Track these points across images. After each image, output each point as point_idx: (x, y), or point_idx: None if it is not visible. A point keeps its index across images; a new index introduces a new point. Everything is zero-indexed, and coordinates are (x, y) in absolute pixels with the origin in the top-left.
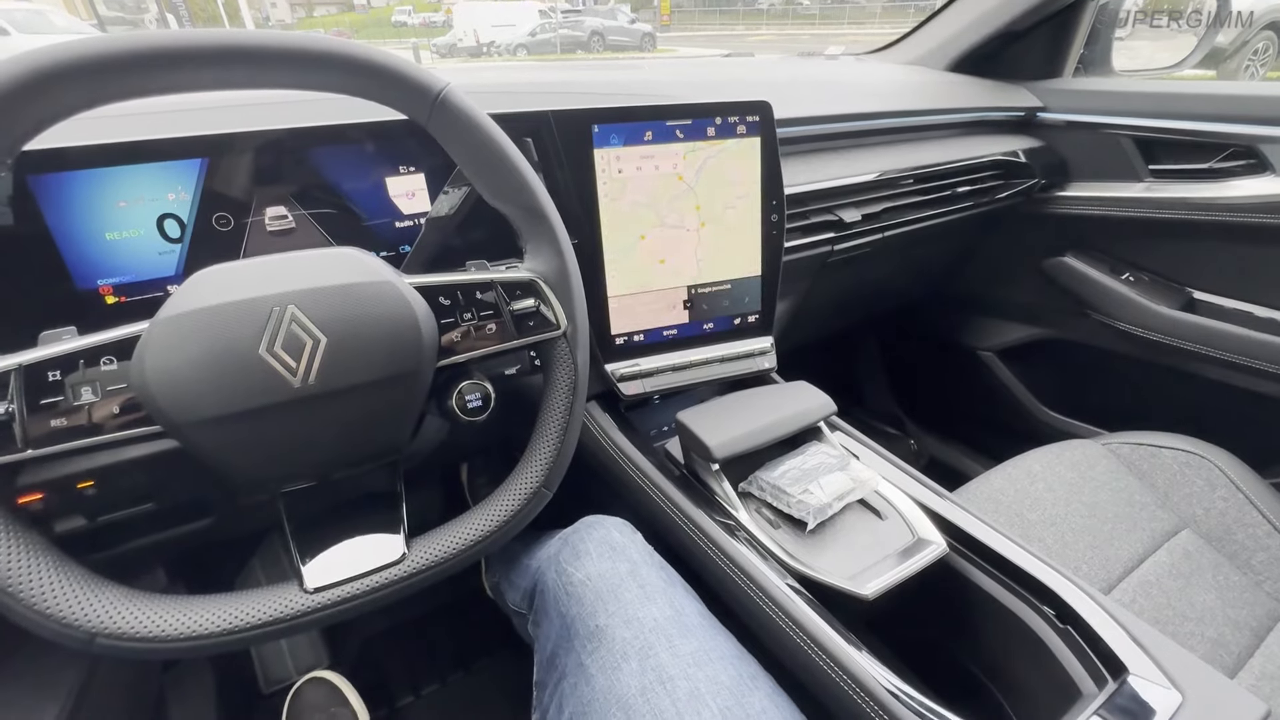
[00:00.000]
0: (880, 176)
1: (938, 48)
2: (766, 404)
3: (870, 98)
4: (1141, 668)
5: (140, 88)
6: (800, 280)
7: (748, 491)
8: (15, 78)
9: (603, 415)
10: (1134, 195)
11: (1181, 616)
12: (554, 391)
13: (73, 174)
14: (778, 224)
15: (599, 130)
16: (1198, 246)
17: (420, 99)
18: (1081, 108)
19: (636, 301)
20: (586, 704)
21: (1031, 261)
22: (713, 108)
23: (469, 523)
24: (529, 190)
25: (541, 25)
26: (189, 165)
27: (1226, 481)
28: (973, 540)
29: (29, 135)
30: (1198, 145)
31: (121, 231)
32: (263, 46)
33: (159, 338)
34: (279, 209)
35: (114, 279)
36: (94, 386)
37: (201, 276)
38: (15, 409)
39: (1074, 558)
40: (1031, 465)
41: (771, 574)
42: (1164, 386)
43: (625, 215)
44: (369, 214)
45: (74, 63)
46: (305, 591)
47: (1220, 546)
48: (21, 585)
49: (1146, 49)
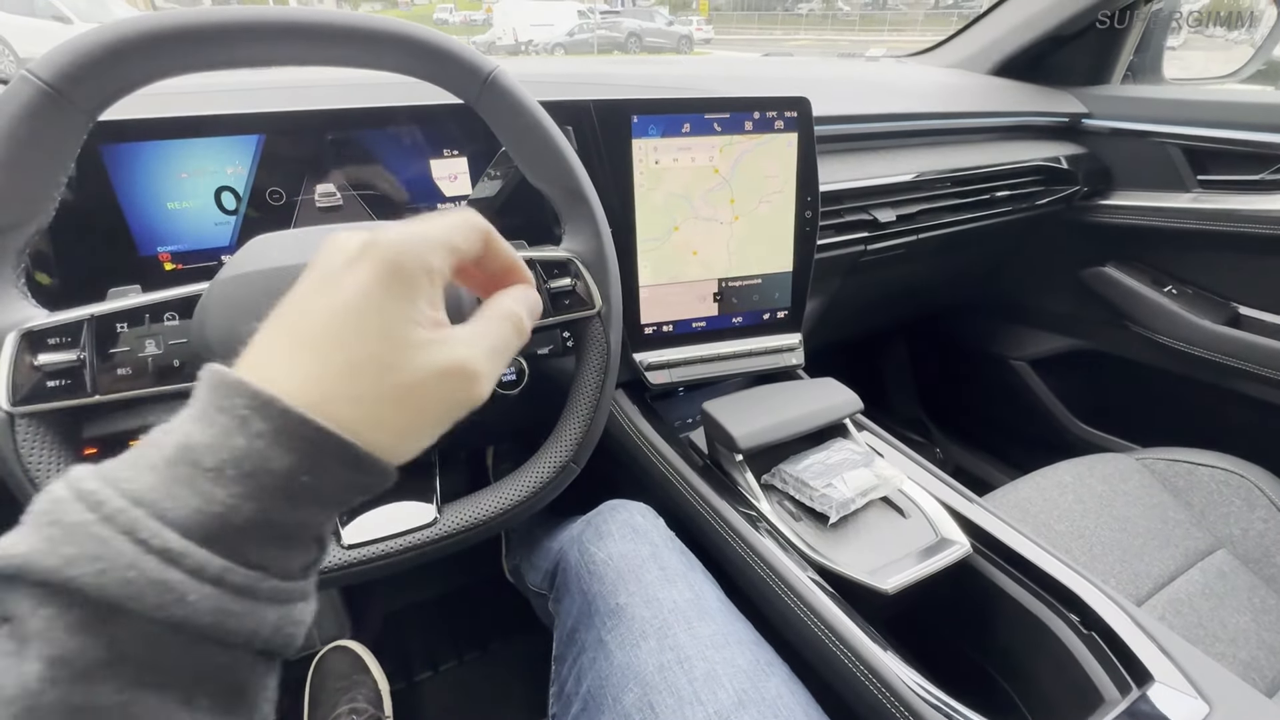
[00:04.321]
0: (918, 178)
1: (981, 51)
2: (793, 398)
3: (910, 98)
4: (1167, 676)
5: (217, 59)
6: (832, 279)
7: (770, 484)
8: (106, 43)
9: (629, 404)
10: (1180, 206)
11: (1213, 637)
12: (586, 370)
13: (141, 145)
14: (811, 221)
15: (638, 121)
16: (1245, 260)
17: (471, 79)
18: (1129, 115)
19: (667, 292)
20: (604, 678)
21: (1070, 270)
22: (751, 102)
23: (499, 492)
24: (571, 171)
25: (579, 25)
26: (247, 141)
27: (1267, 502)
28: (997, 543)
29: (113, 98)
30: (1249, 156)
31: (182, 201)
32: (330, 24)
33: (219, 297)
34: (328, 187)
35: (172, 246)
36: (157, 340)
37: (259, 241)
38: (87, 356)
39: (1102, 570)
40: (1061, 476)
41: (792, 565)
42: (1203, 402)
43: (660, 206)
44: (413, 195)
45: (159, 32)
46: (341, 547)
47: (1258, 569)
48: None
49: (1199, 59)
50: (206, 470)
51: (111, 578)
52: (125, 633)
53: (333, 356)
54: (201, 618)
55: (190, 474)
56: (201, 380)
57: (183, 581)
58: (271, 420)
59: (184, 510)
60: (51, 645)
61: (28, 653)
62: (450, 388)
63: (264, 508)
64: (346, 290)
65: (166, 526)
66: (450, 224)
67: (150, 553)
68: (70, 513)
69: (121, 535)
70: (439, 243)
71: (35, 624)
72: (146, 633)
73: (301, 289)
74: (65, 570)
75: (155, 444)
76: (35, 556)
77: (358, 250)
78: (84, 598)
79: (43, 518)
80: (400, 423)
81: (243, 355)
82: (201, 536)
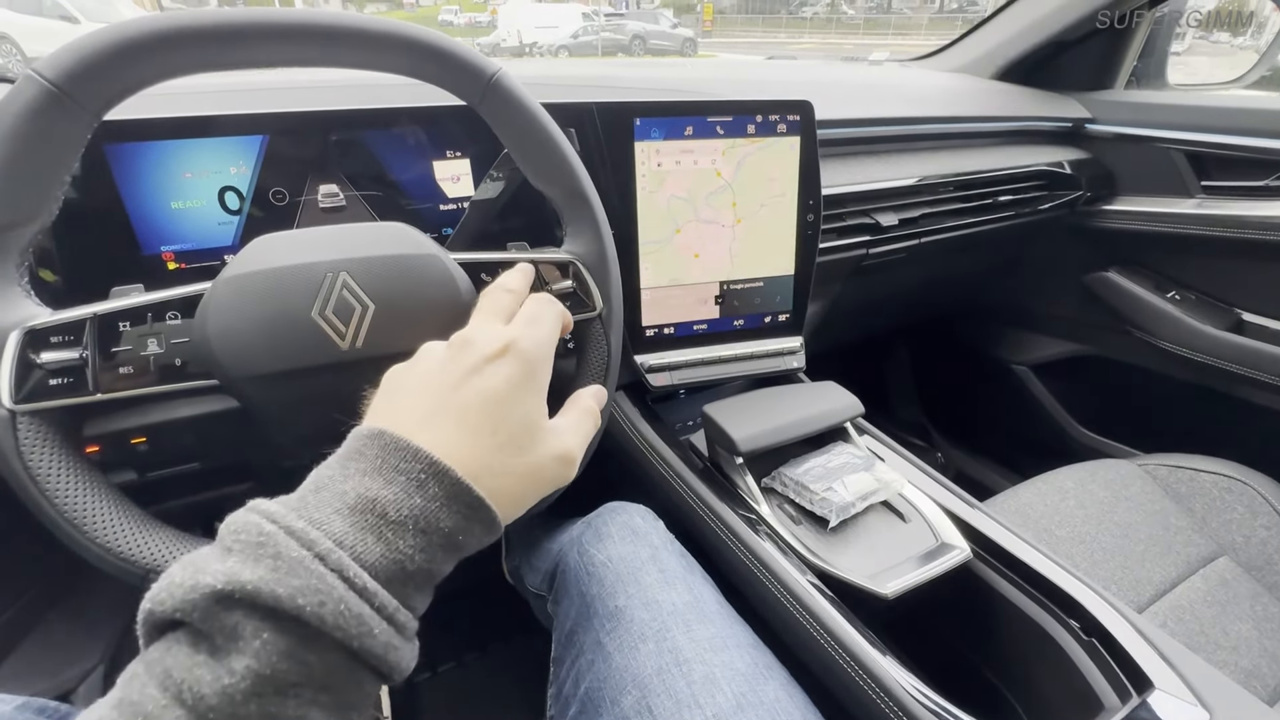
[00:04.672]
0: (920, 182)
1: (984, 55)
2: (793, 401)
3: (913, 103)
4: (1168, 684)
5: (222, 60)
6: (833, 282)
7: (770, 487)
8: (112, 43)
9: (630, 406)
10: (1184, 211)
11: (1215, 644)
12: (586, 371)
13: (145, 144)
14: (813, 224)
15: (640, 123)
16: (1249, 266)
17: (474, 81)
18: (1132, 120)
19: (669, 294)
20: (603, 680)
21: (1072, 275)
22: (754, 105)
23: None
24: (572, 173)
25: (584, 28)
26: (251, 141)
27: (1269, 510)
28: (998, 548)
29: (118, 99)
30: (1253, 162)
31: (186, 201)
32: (334, 26)
33: (221, 296)
34: (331, 187)
35: (176, 246)
36: (159, 339)
37: (262, 241)
38: (89, 355)
39: (1103, 576)
40: (1063, 482)
41: (792, 568)
42: (1206, 409)
43: (662, 208)
44: (415, 196)
45: (164, 33)
46: None
47: (1260, 576)
48: (88, 521)
49: (1204, 65)
50: (391, 522)
51: (330, 609)
52: (318, 658)
53: (484, 438)
54: (377, 649)
55: (377, 524)
56: (369, 437)
57: (372, 617)
58: (444, 487)
59: (372, 555)
60: (262, 664)
61: (234, 665)
62: (557, 470)
63: (430, 559)
64: (496, 383)
65: (362, 569)
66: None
67: (353, 590)
68: (287, 548)
69: (332, 573)
70: (551, 341)
71: (252, 644)
72: (333, 659)
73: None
74: (294, 599)
75: (332, 490)
76: (265, 584)
77: (500, 349)
78: (302, 625)
79: (257, 549)
80: (518, 494)
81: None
82: (384, 579)
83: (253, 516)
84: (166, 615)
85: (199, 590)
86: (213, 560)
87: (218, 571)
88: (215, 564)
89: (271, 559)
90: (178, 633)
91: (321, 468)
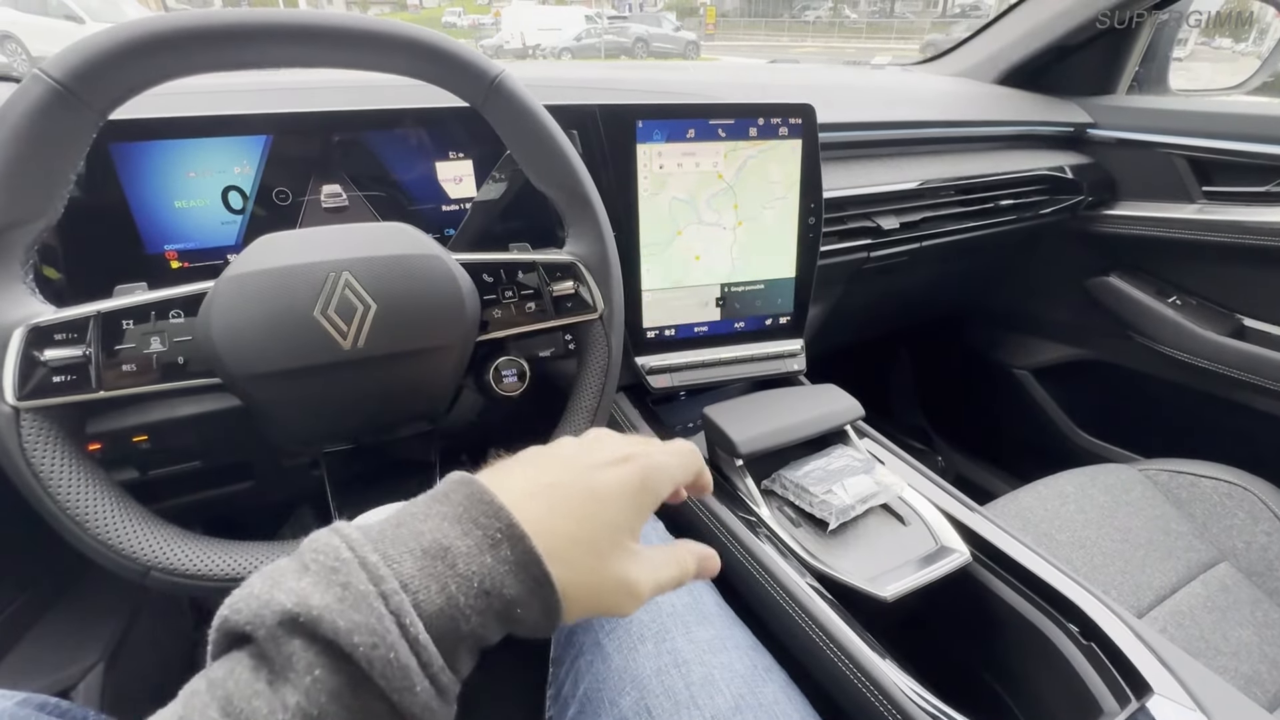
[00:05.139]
0: (921, 185)
1: (987, 60)
2: (794, 404)
3: (915, 106)
4: (1167, 688)
5: (227, 61)
6: (834, 285)
7: (770, 489)
8: (118, 43)
9: (630, 407)
10: (1185, 216)
11: (1215, 650)
12: (587, 373)
13: (150, 144)
14: (815, 227)
15: (642, 126)
16: (1250, 272)
17: (477, 83)
18: (1134, 125)
19: (670, 296)
20: (602, 681)
21: (1074, 280)
22: (756, 108)
23: None
24: (575, 175)
25: (587, 30)
26: (255, 141)
27: (1270, 515)
28: (997, 552)
29: (124, 98)
30: (1255, 168)
31: (189, 200)
32: (339, 27)
33: (224, 295)
34: (334, 187)
35: (179, 245)
36: (162, 337)
37: (265, 241)
38: (92, 352)
39: (1103, 581)
40: (1063, 486)
41: (791, 571)
42: (1207, 414)
43: (664, 211)
44: (418, 197)
45: (170, 34)
46: None
47: (1261, 582)
48: (90, 517)
49: (1206, 71)
50: (458, 575)
51: (379, 655)
52: (361, 704)
53: (570, 525)
54: (415, 708)
55: (444, 573)
56: (458, 483)
57: (417, 672)
58: (516, 552)
59: (432, 606)
60: (310, 702)
61: (287, 700)
62: (618, 597)
63: (484, 623)
64: (605, 481)
65: (419, 618)
66: (685, 462)
67: (405, 639)
68: (357, 579)
69: (391, 616)
70: (672, 478)
71: (304, 679)
72: (374, 708)
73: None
74: (351, 636)
75: (411, 528)
76: (329, 615)
77: (623, 456)
78: (352, 665)
79: (330, 574)
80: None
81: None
82: (437, 634)
83: (334, 539)
84: (239, 626)
85: (271, 607)
86: (289, 575)
87: (291, 590)
88: (291, 580)
89: (340, 587)
90: (243, 652)
91: (410, 503)
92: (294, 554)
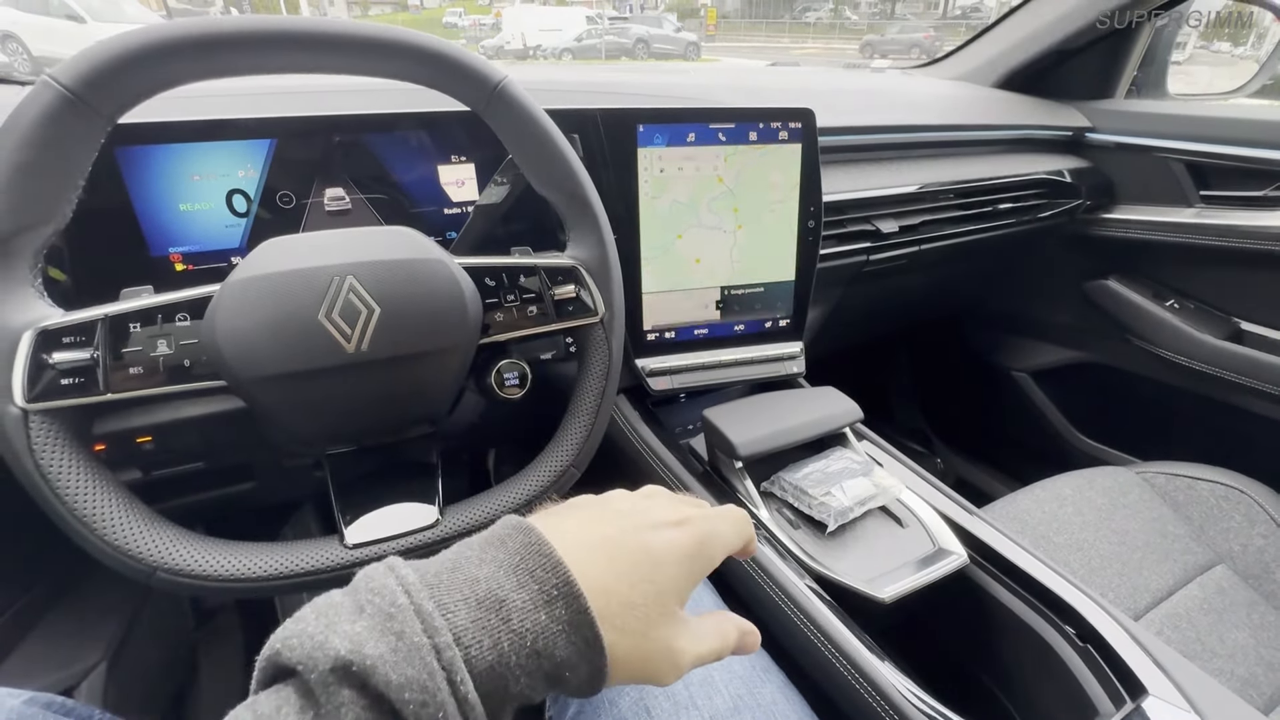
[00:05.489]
0: (921, 189)
1: (986, 64)
2: (793, 406)
3: (914, 110)
4: (1161, 690)
5: (233, 67)
6: (834, 288)
7: (769, 491)
8: (128, 50)
9: (630, 409)
10: (1183, 220)
11: (1211, 652)
12: (588, 375)
13: (155, 148)
14: (814, 230)
15: (643, 130)
16: (1248, 275)
17: (480, 88)
18: (1132, 129)
19: (670, 299)
20: None
21: (1072, 283)
22: (756, 113)
23: (501, 494)
24: (576, 179)
25: (588, 31)
26: (259, 145)
27: (1267, 518)
28: (994, 554)
29: (132, 104)
30: (1252, 172)
31: (194, 204)
32: (344, 34)
33: (229, 299)
34: (338, 190)
35: (184, 248)
36: (168, 340)
37: (270, 245)
38: (100, 355)
39: (1100, 583)
40: (1061, 489)
41: (790, 572)
42: (1204, 417)
43: (664, 214)
44: (420, 200)
45: (178, 40)
46: (345, 547)
47: (1257, 585)
48: (96, 518)
49: (1205, 74)
50: (512, 631)
51: (428, 713)
52: None
53: (623, 587)
54: None
55: (498, 627)
56: (516, 528)
57: None
58: (571, 612)
59: (483, 663)
60: None
61: None
62: (661, 666)
63: (532, 684)
64: (661, 544)
65: (470, 675)
66: (740, 530)
67: (455, 697)
68: (412, 630)
69: (442, 672)
70: (728, 545)
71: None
72: None
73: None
74: (402, 693)
75: (466, 573)
76: (382, 667)
77: (680, 519)
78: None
79: (386, 620)
80: (619, 659)
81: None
82: (485, 692)
83: (390, 580)
84: (291, 663)
85: (325, 650)
86: (345, 616)
87: (346, 634)
88: (346, 622)
89: (395, 636)
90: (291, 690)
91: (463, 544)
92: (349, 589)
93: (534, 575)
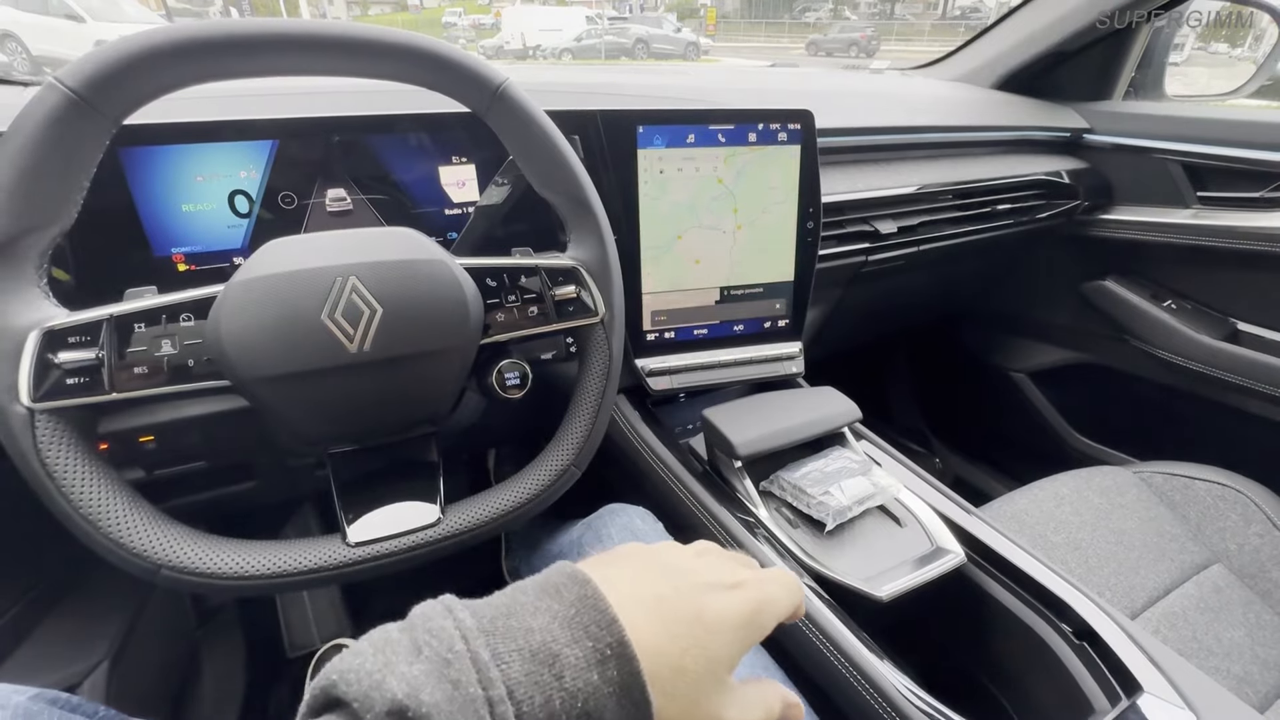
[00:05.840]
0: (919, 190)
1: (985, 65)
2: (792, 406)
3: (913, 112)
4: (1157, 687)
5: (237, 69)
6: (833, 289)
7: (768, 490)
8: (133, 53)
9: (630, 409)
10: (1180, 221)
11: (1207, 650)
12: (588, 375)
13: (158, 148)
14: (813, 231)
15: (643, 131)
16: (1245, 276)
17: (481, 90)
18: (1130, 131)
19: (670, 299)
20: None
21: (1070, 284)
22: (756, 114)
23: (502, 494)
24: (577, 181)
25: (587, 31)
26: (261, 146)
27: (1263, 518)
28: (992, 553)
29: (136, 106)
30: (1249, 173)
31: (197, 204)
32: (346, 37)
33: (233, 299)
34: (339, 191)
35: (186, 248)
36: (173, 340)
37: (273, 246)
38: (105, 355)
39: (1097, 582)
40: (1059, 488)
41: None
42: (1201, 417)
43: (664, 215)
44: (421, 201)
45: (183, 43)
46: (347, 545)
47: (1253, 584)
48: (102, 516)
49: (1203, 76)
50: (564, 690)
51: None
52: None
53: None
54: None
55: (550, 684)
56: (571, 579)
57: None
58: (623, 674)
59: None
60: None
61: None
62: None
63: None
64: (716, 608)
65: None
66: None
67: None
68: (468, 680)
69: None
70: (781, 612)
71: None
72: None
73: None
74: None
75: (521, 622)
76: (438, 713)
77: (736, 582)
78: None
79: (444, 666)
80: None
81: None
82: None
83: (448, 623)
84: (346, 698)
85: (382, 691)
86: (402, 657)
87: (404, 676)
88: (404, 663)
89: (451, 685)
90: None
91: (517, 588)
92: (406, 625)
93: (588, 631)
